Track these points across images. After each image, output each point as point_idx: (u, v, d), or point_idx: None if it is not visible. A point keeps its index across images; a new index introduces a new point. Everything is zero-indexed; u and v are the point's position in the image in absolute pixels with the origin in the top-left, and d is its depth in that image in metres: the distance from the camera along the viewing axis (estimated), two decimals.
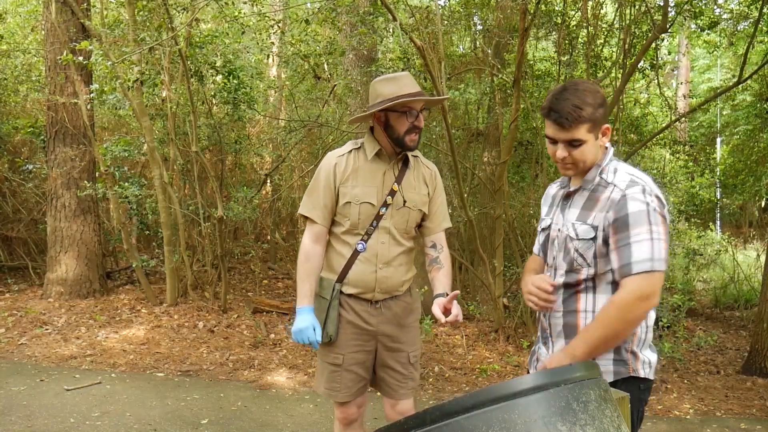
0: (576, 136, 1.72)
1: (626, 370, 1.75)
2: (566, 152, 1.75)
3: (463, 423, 0.94)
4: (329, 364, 2.35)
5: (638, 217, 1.65)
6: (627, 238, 1.64)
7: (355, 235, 2.29)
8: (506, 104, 6.41)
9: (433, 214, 2.38)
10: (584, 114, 1.70)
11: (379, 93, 2.26)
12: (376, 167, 2.30)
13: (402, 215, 2.30)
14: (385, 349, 2.36)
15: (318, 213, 2.31)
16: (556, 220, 1.89)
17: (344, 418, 2.40)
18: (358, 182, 2.28)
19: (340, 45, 6.22)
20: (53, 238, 6.20)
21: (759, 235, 11.54)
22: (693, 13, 5.71)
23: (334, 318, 2.30)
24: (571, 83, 1.77)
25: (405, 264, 2.35)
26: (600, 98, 1.75)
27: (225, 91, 6.21)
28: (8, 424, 3.44)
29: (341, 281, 2.31)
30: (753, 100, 8.70)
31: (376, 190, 2.28)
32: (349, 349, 2.33)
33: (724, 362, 5.60)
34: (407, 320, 2.38)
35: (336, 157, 2.32)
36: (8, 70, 7.29)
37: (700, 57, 16.70)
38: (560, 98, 1.72)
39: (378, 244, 2.28)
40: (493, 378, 4.78)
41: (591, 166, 1.80)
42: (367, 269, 2.27)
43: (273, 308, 6.16)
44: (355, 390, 2.37)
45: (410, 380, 2.39)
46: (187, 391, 4.18)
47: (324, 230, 2.33)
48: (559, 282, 1.83)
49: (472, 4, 6.33)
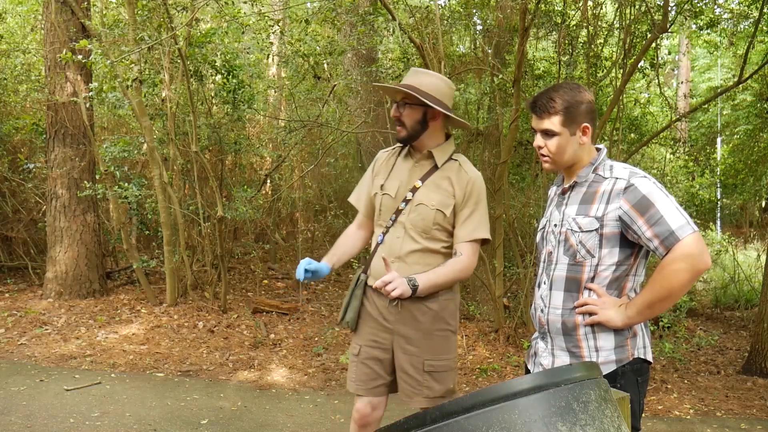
0: (548, 126, 1.85)
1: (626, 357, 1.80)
2: (542, 142, 1.88)
3: (463, 423, 0.94)
4: (351, 353, 2.43)
5: (655, 194, 1.72)
6: (657, 214, 1.70)
7: (379, 227, 2.37)
8: (506, 104, 6.40)
9: (461, 223, 2.29)
10: (556, 106, 1.82)
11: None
12: (406, 164, 2.37)
13: (419, 213, 2.28)
14: (400, 351, 2.33)
15: (359, 202, 2.48)
16: (552, 218, 1.94)
17: (358, 417, 2.39)
18: (386, 175, 2.39)
19: (340, 45, 6.22)
20: (53, 238, 6.19)
21: (759, 235, 11.53)
22: (693, 13, 5.71)
23: (354, 307, 2.38)
24: (560, 83, 1.86)
25: (422, 264, 2.28)
26: (581, 97, 1.84)
27: (225, 91, 6.21)
28: (8, 424, 3.44)
29: (366, 272, 2.39)
30: (753, 100, 8.69)
31: (399, 183, 2.33)
32: (365, 342, 2.37)
33: (725, 362, 5.60)
34: (430, 327, 2.30)
35: (383, 152, 2.48)
36: (8, 70, 7.29)
37: (700, 57, 16.70)
38: (543, 92, 1.87)
39: (393, 238, 2.31)
40: (493, 378, 4.78)
41: (570, 163, 1.88)
42: (382, 262, 2.27)
43: (273, 308, 6.16)
44: (370, 387, 2.36)
45: (425, 389, 2.30)
46: (186, 391, 4.18)
47: (365, 219, 2.49)
48: (559, 275, 1.87)
49: (472, 4, 6.33)
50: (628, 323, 1.77)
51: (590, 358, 1.80)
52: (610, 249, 1.78)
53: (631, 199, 1.73)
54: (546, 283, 1.92)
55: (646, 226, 1.70)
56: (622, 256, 1.79)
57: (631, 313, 1.75)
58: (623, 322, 1.76)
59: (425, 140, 2.33)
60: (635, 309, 1.74)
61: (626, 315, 1.75)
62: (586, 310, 1.81)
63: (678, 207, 1.71)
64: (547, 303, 1.90)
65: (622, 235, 1.77)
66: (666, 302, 1.73)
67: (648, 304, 1.73)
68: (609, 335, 1.79)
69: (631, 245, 1.78)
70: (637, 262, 1.81)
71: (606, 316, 1.77)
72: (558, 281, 1.87)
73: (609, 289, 1.80)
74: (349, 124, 7.08)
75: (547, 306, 1.90)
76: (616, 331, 1.79)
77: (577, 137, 1.85)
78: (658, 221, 1.69)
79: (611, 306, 1.78)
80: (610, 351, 1.79)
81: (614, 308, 1.77)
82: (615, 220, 1.76)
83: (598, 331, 1.80)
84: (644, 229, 1.71)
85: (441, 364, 2.31)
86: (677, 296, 1.72)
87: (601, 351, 1.79)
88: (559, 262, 1.87)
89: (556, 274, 1.87)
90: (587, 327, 1.81)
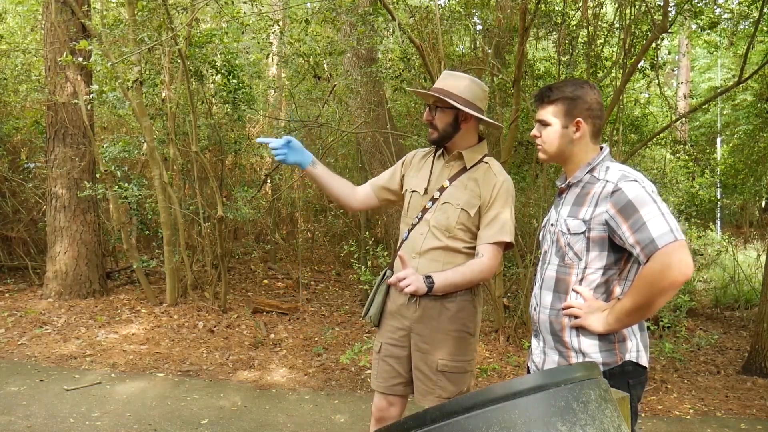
0: (542, 115, 1.87)
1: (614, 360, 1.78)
2: (538, 132, 1.90)
3: (463, 423, 0.94)
4: (373, 350, 2.48)
5: (641, 199, 1.69)
6: (640, 220, 1.66)
7: (406, 224, 2.42)
8: (506, 104, 6.40)
9: (485, 225, 2.27)
10: (552, 96, 1.84)
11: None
12: (438, 164, 2.40)
13: (443, 211, 2.30)
14: (416, 349, 2.34)
15: (376, 180, 2.55)
16: (550, 217, 1.95)
17: (375, 411, 2.45)
18: (416, 174, 2.43)
19: (340, 45, 6.22)
20: (53, 238, 6.19)
21: (759, 235, 11.53)
22: (693, 13, 5.71)
23: (377, 303, 2.42)
24: (571, 78, 1.87)
25: (442, 262, 2.28)
26: (581, 93, 1.83)
27: (225, 91, 6.21)
28: (8, 424, 3.44)
29: (392, 268, 2.43)
30: (753, 100, 8.69)
31: (428, 183, 2.36)
32: (386, 339, 2.41)
33: (725, 362, 5.60)
34: (447, 326, 2.29)
35: (418, 151, 2.52)
36: (8, 70, 7.29)
37: (700, 57, 16.69)
38: (549, 84, 1.92)
39: (417, 234, 2.34)
40: (493, 378, 4.78)
41: (561, 156, 1.89)
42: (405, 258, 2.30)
43: (273, 308, 6.16)
44: (390, 384, 2.39)
45: (438, 389, 2.29)
46: (186, 391, 4.18)
47: (370, 190, 2.54)
48: (550, 275, 1.87)
49: (472, 4, 6.33)
50: (609, 330, 1.74)
51: (576, 359, 1.80)
52: (598, 252, 1.77)
53: (616, 204, 1.70)
54: (539, 282, 1.93)
55: (629, 232, 1.68)
56: (610, 260, 1.77)
57: (611, 320, 1.73)
58: (604, 328, 1.74)
59: (457, 142, 2.34)
60: (614, 316, 1.72)
61: (606, 321, 1.73)
62: (570, 313, 1.80)
63: (665, 214, 1.67)
64: (539, 302, 1.91)
65: (611, 239, 1.75)
66: (645, 311, 1.69)
67: (627, 311, 1.70)
68: (593, 339, 1.78)
69: (621, 250, 1.75)
70: (628, 266, 1.78)
71: (588, 320, 1.76)
72: (548, 281, 1.87)
73: (597, 293, 1.78)
74: (349, 124, 7.08)
75: (538, 305, 1.91)
76: (601, 335, 1.77)
77: (569, 131, 1.84)
78: (641, 228, 1.65)
79: (595, 310, 1.76)
80: (595, 354, 1.77)
81: (597, 313, 1.75)
82: (602, 224, 1.74)
83: (583, 334, 1.79)
84: (628, 234, 1.68)
85: (455, 365, 2.30)
86: (656, 305, 1.67)
87: (586, 354, 1.78)
88: (551, 262, 1.88)
89: (547, 274, 1.88)
90: (573, 329, 1.81)
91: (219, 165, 7.21)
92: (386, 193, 2.53)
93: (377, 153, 6.72)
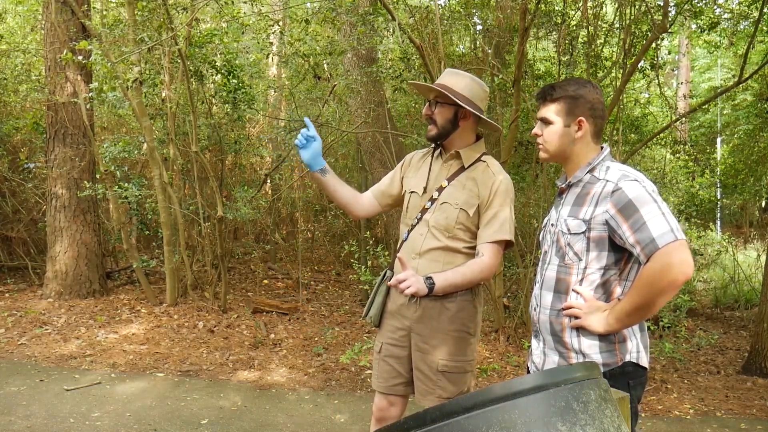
0: (544, 113, 1.87)
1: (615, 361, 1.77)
2: (539, 130, 1.90)
3: (463, 423, 0.94)
4: (374, 350, 2.48)
5: (641, 198, 1.68)
6: (640, 219, 1.65)
7: (405, 225, 2.42)
8: (506, 104, 6.40)
9: (484, 224, 2.27)
10: (555, 94, 1.84)
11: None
12: (436, 164, 2.40)
13: (443, 211, 2.30)
14: (416, 349, 2.34)
15: (377, 186, 2.55)
16: (551, 217, 1.95)
17: (376, 410, 2.45)
18: (414, 174, 2.44)
19: (340, 45, 6.22)
20: (53, 238, 6.19)
21: (759, 235, 11.53)
22: (693, 13, 5.71)
23: (378, 303, 2.43)
24: (573, 77, 1.86)
25: (442, 262, 2.27)
26: (584, 92, 1.83)
27: (225, 91, 6.21)
28: (8, 424, 3.44)
29: (392, 268, 2.44)
30: (753, 100, 8.69)
31: (427, 183, 2.36)
32: (386, 340, 2.41)
33: (725, 362, 5.60)
34: (447, 327, 2.29)
35: (416, 153, 2.52)
36: (8, 70, 7.29)
37: (700, 57, 16.70)
38: (551, 83, 1.91)
39: (417, 235, 2.34)
40: (493, 378, 4.78)
41: (562, 155, 1.88)
42: (405, 258, 2.29)
43: (273, 308, 6.16)
44: (390, 384, 2.40)
45: (439, 389, 2.29)
46: (187, 391, 4.18)
47: (372, 197, 2.54)
48: (550, 275, 1.87)
49: (472, 4, 6.33)
50: (609, 330, 1.74)
51: (576, 360, 1.79)
52: (598, 253, 1.76)
53: (617, 203, 1.70)
54: (539, 282, 1.92)
55: (629, 232, 1.67)
56: (610, 261, 1.76)
57: (611, 320, 1.72)
58: (604, 328, 1.73)
59: (455, 140, 2.34)
60: (614, 316, 1.72)
61: (607, 322, 1.73)
62: (570, 314, 1.80)
63: (666, 213, 1.66)
64: (539, 302, 1.90)
65: (611, 239, 1.74)
66: (646, 311, 1.68)
67: (627, 312, 1.69)
68: (593, 339, 1.77)
69: (621, 250, 1.75)
70: (628, 267, 1.77)
71: (589, 321, 1.75)
72: (548, 281, 1.87)
73: (597, 293, 1.78)
74: (349, 124, 7.08)
75: (539, 305, 1.90)
76: (602, 335, 1.76)
77: (571, 130, 1.84)
78: (641, 227, 1.65)
79: (595, 311, 1.75)
80: (596, 355, 1.76)
81: (597, 314, 1.75)
82: (602, 224, 1.73)
83: (583, 334, 1.79)
84: (628, 234, 1.67)
85: (456, 365, 2.30)
86: (657, 305, 1.66)
87: (587, 354, 1.77)
88: (551, 262, 1.87)
89: (548, 274, 1.88)
90: (573, 330, 1.80)
91: (219, 165, 7.21)
92: (388, 198, 2.54)
93: (377, 153, 6.72)
